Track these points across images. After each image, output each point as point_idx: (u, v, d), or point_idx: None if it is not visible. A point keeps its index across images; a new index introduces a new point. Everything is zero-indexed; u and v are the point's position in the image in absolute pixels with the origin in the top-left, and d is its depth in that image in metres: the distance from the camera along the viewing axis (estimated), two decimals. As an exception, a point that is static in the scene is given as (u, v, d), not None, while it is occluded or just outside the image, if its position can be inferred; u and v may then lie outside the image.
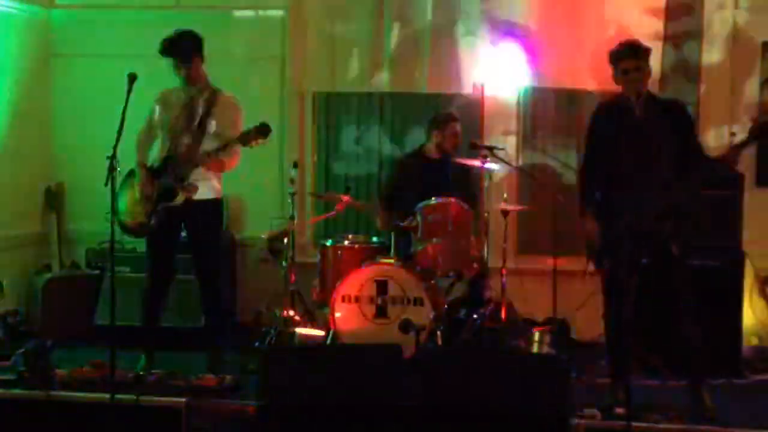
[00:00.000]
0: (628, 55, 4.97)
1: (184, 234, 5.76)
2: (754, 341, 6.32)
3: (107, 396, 4.74)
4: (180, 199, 5.49)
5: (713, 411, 4.87)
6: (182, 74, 5.59)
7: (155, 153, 5.69)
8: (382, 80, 7.03)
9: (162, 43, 5.58)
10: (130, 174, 5.65)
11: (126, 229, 5.68)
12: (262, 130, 5.35)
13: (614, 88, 5.16)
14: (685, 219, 4.99)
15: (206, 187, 5.62)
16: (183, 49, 5.59)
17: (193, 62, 5.61)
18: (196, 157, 5.49)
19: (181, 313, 6.34)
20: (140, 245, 6.16)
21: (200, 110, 5.59)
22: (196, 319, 6.17)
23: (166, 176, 5.53)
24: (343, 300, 5.80)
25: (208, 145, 5.52)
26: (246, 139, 5.38)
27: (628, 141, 4.93)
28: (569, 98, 6.95)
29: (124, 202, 5.63)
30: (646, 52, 5.01)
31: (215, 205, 5.77)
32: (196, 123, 5.57)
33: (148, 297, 5.75)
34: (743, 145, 4.83)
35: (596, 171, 5.13)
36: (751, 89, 6.66)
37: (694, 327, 4.94)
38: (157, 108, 5.67)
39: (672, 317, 5.01)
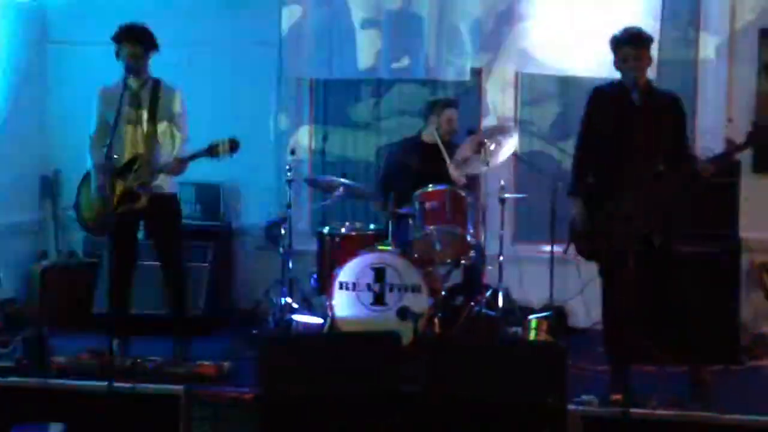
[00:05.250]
0: (629, 43, 4.94)
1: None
2: (751, 328, 6.33)
3: (105, 384, 4.75)
4: (142, 202, 5.50)
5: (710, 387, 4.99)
6: (136, 64, 5.54)
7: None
8: (380, 66, 7.00)
9: (129, 28, 5.56)
10: (87, 176, 5.65)
11: (87, 229, 5.74)
12: (232, 146, 5.38)
13: (613, 74, 5.16)
14: (672, 211, 5.01)
15: (166, 182, 5.65)
16: (150, 39, 5.59)
17: (148, 56, 5.60)
18: (159, 163, 5.53)
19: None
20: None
21: (147, 102, 5.59)
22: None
23: (130, 179, 5.49)
24: (340, 287, 5.81)
25: (164, 135, 5.58)
26: (214, 151, 5.38)
27: (626, 127, 4.94)
28: (567, 84, 6.94)
29: (86, 202, 5.64)
30: (647, 40, 4.98)
31: (173, 199, 5.78)
32: (146, 115, 5.57)
33: (115, 284, 5.73)
34: (726, 156, 4.89)
35: (590, 155, 5.15)
36: (749, 77, 6.64)
37: (690, 312, 4.99)
38: (103, 107, 5.62)
39: (664, 304, 5.06)
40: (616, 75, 5.09)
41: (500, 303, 6.10)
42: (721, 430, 4.62)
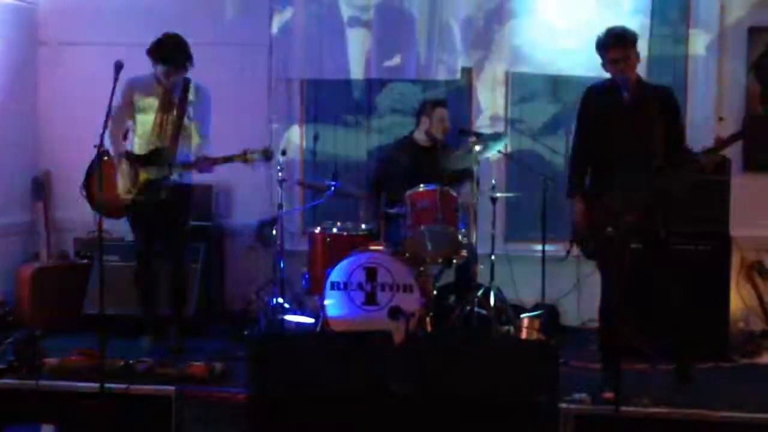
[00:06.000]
0: (615, 45, 4.95)
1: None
2: (742, 325, 6.36)
3: (97, 385, 4.74)
4: (163, 195, 5.65)
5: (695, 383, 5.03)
6: (168, 79, 5.66)
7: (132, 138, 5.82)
8: (371, 66, 7.01)
9: (160, 47, 5.62)
10: (104, 157, 5.66)
11: (102, 210, 5.73)
12: (266, 155, 5.61)
13: (603, 73, 5.17)
14: (673, 205, 5.03)
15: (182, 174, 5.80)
16: (180, 59, 5.65)
17: (187, 70, 5.72)
18: (184, 159, 5.68)
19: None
20: (128, 234, 6.16)
21: (176, 100, 5.70)
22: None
23: (154, 170, 5.61)
24: (332, 287, 5.81)
25: (188, 135, 5.73)
26: (247, 158, 5.58)
27: (618, 125, 4.95)
28: (558, 83, 6.94)
29: (105, 183, 5.65)
30: (633, 39, 4.99)
31: (186, 190, 5.90)
32: (175, 112, 5.67)
33: (139, 279, 5.88)
34: (722, 145, 4.89)
35: (585, 153, 5.16)
36: (738, 74, 6.66)
37: (680, 308, 5.02)
38: (135, 96, 5.70)
39: (657, 300, 5.08)
40: (607, 73, 5.11)
41: (492, 302, 6.11)
42: (711, 427, 4.62)
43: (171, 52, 5.62)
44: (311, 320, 6.07)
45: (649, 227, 4.98)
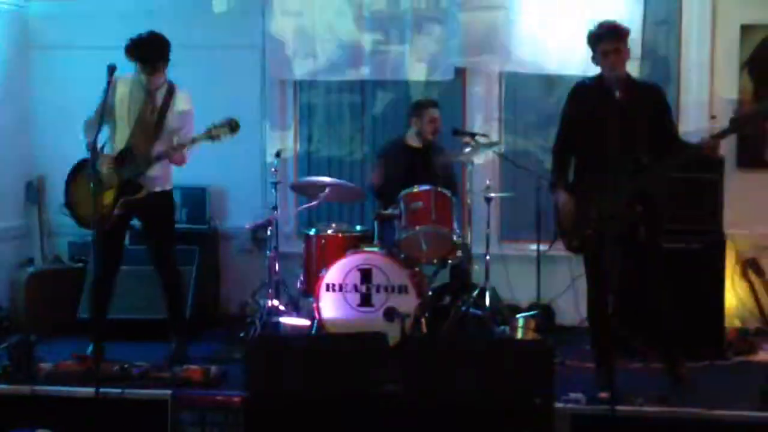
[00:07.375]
0: (607, 37, 4.97)
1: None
2: (737, 323, 6.37)
3: (92, 390, 4.73)
4: (143, 192, 5.54)
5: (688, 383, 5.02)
6: (147, 77, 5.58)
7: (106, 139, 5.67)
8: (363, 67, 7.00)
9: (136, 46, 5.52)
10: (82, 165, 5.62)
11: (82, 221, 5.69)
12: (231, 126, 5.50)
13: (595, 72, 5.18)
14: (656, 202, 5.03)
15: (163, 179, 5.69)
16: (152, 55, 5.56)
17: (159, 70, 5.60)
18: (161, 150, 5.53)
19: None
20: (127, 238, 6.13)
21: (159, 104, 5.61)
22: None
23: (127, 169, 5.53)
24: (327, 289, 5.81)
25: (167, 140, 5.59)
26: (212, 135, 5.49)
27: (605, 122, 4.95)
28: (551, 83, 6.94)
29: (81, 193, 5.59)
30: (624, 33, 5.02)
31: (170, 197, 5.84)
32: (155, 116, 5.59)
33: (98, 286, 5.76)
34: (722, 134, 4.88)
35: (570, 149, 5.17)
36: (731, 72, 6.67)
37: (668, 307, 5.03)
38: (118, 94, 5.59)
39: (646, 299, 5.08)
40: (597, 68, 5.12)
41: (487, 302, 6.12)
42: (707, 425, 4.64)
43: (145, 51, 5.52)
44: (307, 322, 6.07)
45: (630, 225, 4.97)
